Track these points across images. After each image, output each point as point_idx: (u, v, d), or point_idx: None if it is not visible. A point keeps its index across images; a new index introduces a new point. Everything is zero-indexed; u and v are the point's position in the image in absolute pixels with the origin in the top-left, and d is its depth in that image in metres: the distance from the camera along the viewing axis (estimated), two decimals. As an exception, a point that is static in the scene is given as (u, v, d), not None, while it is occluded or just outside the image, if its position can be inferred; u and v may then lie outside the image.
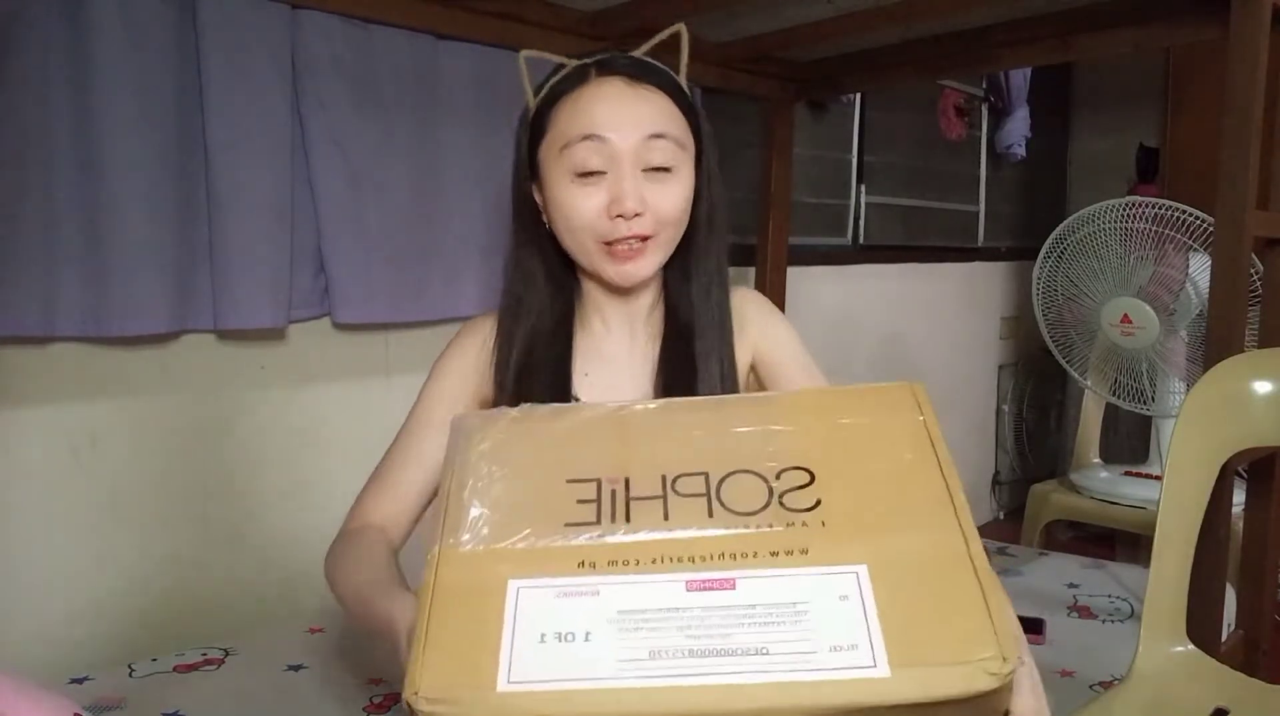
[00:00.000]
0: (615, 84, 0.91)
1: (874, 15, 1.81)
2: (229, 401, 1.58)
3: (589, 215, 0.91)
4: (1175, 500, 1.26)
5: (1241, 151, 1.49)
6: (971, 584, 0.56)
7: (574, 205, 0.91)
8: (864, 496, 0.63)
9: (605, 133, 0.89)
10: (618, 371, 1.01)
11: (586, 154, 0.89)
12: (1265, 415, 1.29)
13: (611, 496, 0.63)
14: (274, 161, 1.51)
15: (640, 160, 0.90)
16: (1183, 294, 2.23)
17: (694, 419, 0.70)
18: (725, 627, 0.55)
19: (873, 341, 2.94)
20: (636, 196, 0.89)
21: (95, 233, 1.35)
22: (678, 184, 0.92)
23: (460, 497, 0.65)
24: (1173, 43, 2.45)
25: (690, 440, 0.68)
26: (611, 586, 0.57)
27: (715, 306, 0.99)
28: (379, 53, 1.62)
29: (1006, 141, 3.28)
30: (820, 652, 0.53)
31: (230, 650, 1.41)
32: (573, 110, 0.91)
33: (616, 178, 0.89)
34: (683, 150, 0.93)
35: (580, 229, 0.92)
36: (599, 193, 0.90)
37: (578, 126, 0.90)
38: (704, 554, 0.59)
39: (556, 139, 0.91)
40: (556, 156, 0.91)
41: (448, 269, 1.76)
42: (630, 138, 0.89)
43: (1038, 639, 1.43)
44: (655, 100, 0.91)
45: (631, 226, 0.90)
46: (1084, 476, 2.54)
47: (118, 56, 1.34)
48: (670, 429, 0.69)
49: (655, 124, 0.90)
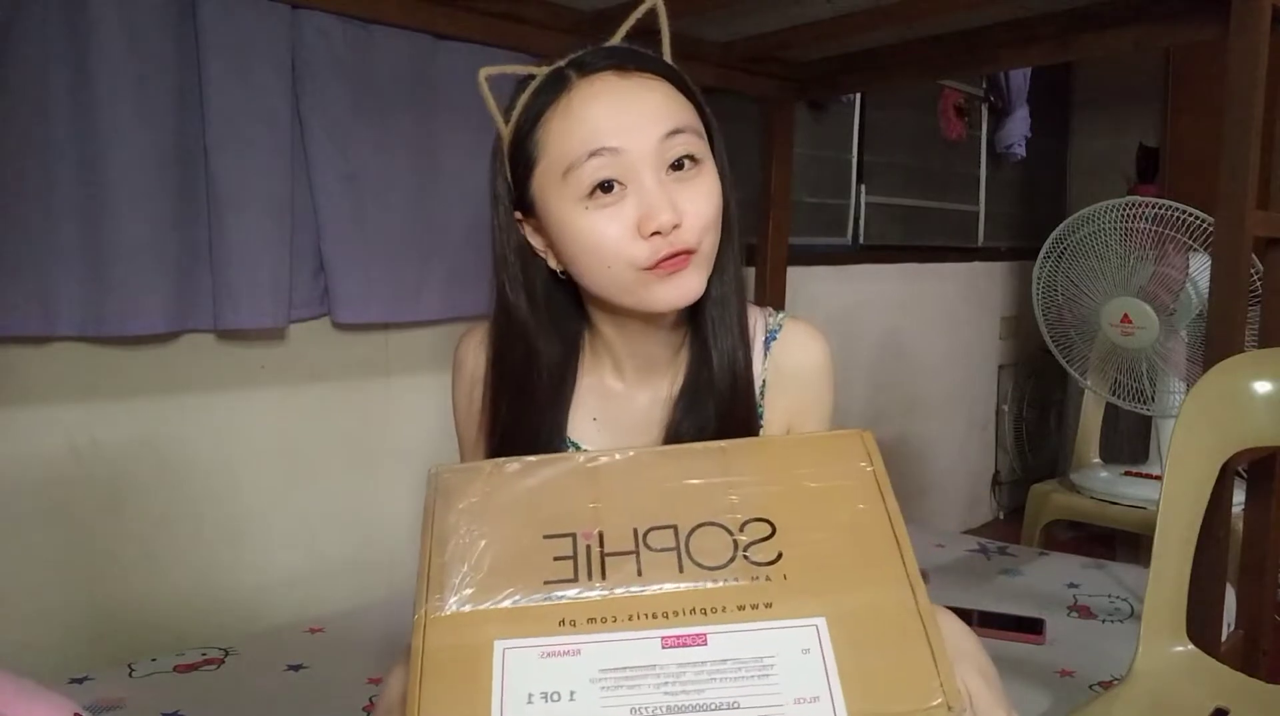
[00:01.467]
0: (605, 80, 0.77)
1: (874, 15, 1.81)
2: (229, 401, 1.58)
3: (619, 242, 0.75)
4: (1175, 500, 1.25)
5: (1241, 151, 1.49)
6: (919, 635, 0.61)
7: (596, 232, 0.75)
8: (822, 549, 0.67)
9: (614, 141, 0.75)
10: (627, 414, 0.89)
11: (597, 170, 0.75)
12: (1265, 415, 1.29)
13: (587, 552, 0.66)
14: (274, 161, 1.51)
15: (661, 161, 0.76)
16: (1183, 294, 2.23)
17: (661, 471, 0.73)
18: (699, 683, 0.59)
19: (873, 341, 2.94)
20: (669, 206, 0.74)
21: (95, 233, 1.35)
22: (708, 178, 0.79)
23: (441, 558, 0.67)
24: (1173, 43, 2.45)
25: (659, 492, 0.71)
26: (592, 645, 0.61)
27: (731, 325, 0.86)
28: (379, 53, 1.62)
29: (1006, 141, 3.28)
30: (786, 706, 0.58)
31: (230, 650, 1.41)
32: (565, 125, 0.76)
33: (639, 189, 0.75)
34: (702, 140, 0.80)
35: (610, 259, 0.76)
36: (623, 213, 0.75)
37: (579, 142, 0.75)
38: (676, 609, 0.63)
39: (554, 164, 0.77)
40: (559, 184, 0.76)
41: (448, 269, 1.76)
42: (646, 139, 0.75)
43: (1038, 639, 1.43)
44: (657, 88, 0.78)
45: (671, 241, 0.75)
46: (1084, 476, 2.54)
47: (118, 56, 1.34)
48: (639, 480, 0.72)
49: (669, 117, 0.77)
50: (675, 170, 0.77)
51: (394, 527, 1.78)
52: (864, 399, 2.88)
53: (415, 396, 1.80)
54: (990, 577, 1.76)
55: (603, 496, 0.70)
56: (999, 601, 1.59)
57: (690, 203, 0.76)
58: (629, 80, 0.78)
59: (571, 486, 0.71)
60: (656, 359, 0.88)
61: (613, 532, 0.67)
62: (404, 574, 1.78)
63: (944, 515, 3.25)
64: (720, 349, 0.85)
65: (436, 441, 1.83)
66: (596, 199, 0.76)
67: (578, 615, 0.62)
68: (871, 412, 2.89)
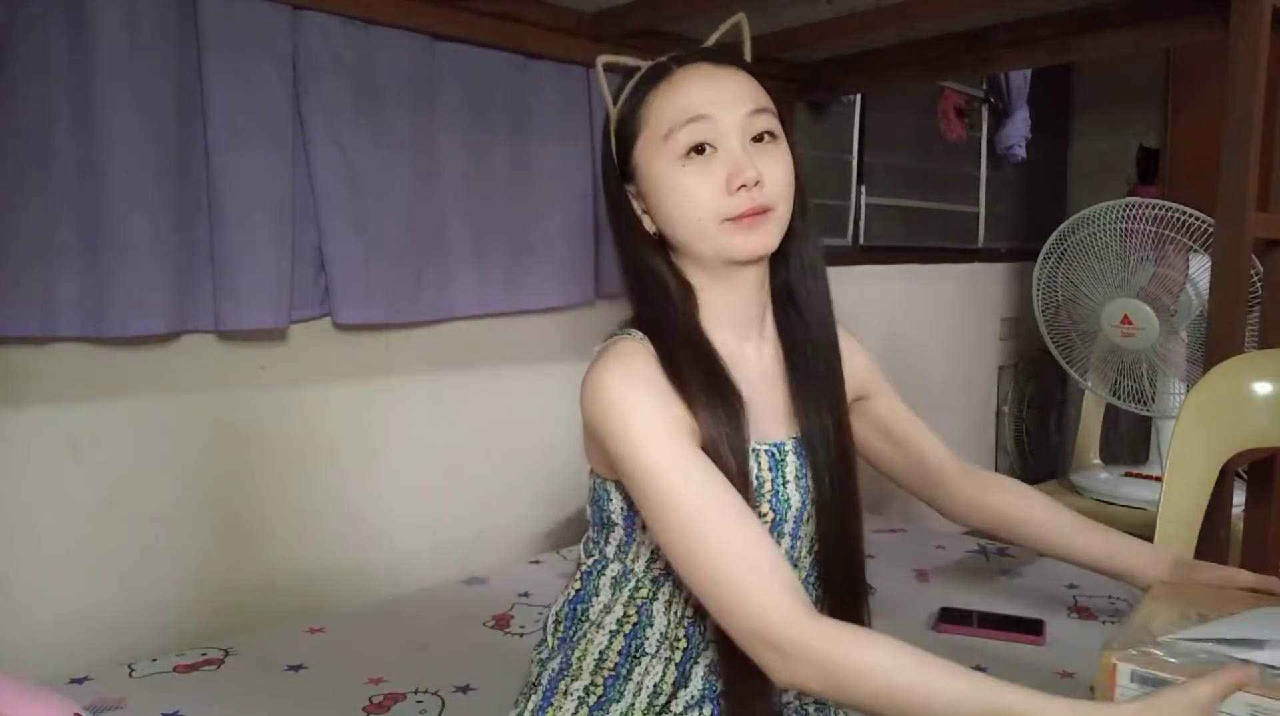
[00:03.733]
0: (702, 68, 0.92)
1: (874, 15, 1.81)
2: (229, 401, 1.58)
3: (708, 194, 0.88)
4: (1175, 501, 1.26)
5: (1241, 152, 1.49)
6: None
7: (690, 187, 0.89)
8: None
9: (709, 110, 0.88)
10: (753, 390, 0.92)
11: (694, 133, 0.88)
12: (1265, 415, 1.29)
13: None
14: (274, 162, 1.51)
15: (746, 133, 0.90)
16: (1183, 295, 2.23)
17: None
18: None
19: (873, 342, 2.91)
20: (752, 165, 0.88)
21: (95, 233, 1.35)
22: (784, 152, 0.92)
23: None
24: (1173, 43, 2.45)
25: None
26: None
27: (821, 289, 0.99)
28: (379, 53, 1.62)
29: (1007, 142, 3.28)
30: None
31: (230, 650, 1.41)
32: (668, 98, 0.90)
33: (728, 152, 0.88)
34: (778, 123, 0.93)
35: (701, 210, 0.89)
36: (713, 170, 0.88)
37: (679, 111, 0.89)
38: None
39: (657, 131, 0.90)
40: (659, 147, 0.90)
41: (448, 269, 1.76)
42: (734, 113, 0.89)
43: (1038, 640, 1.43)
44: (743, 78, 0.92)
45: (754, 196, 0.88)
46: (1084, 477, 2.54)
47: (118, 57, 1.34)
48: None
49: (753, 99, 0.91)
50: (756, 142, 0.90)
51: (394, 527, 1.78)
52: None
53: (415, 397, 1.80)
54: (990, 578, 1.76)
55: None
56: (999, 602, 1.59)
57: (770, 167, 0.89)
58: (721, 69, 0.92)
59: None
60: (749, 314, 0.96)
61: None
62: (404, 574, 1.78)
63: (944, 516, 3.24)
64: (813, 309, 0.98)
65: (436, 442, 1.83)
66: (691, 159, 0.89)
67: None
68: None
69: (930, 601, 1.60)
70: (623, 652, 0.93)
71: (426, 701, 1.25)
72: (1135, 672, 0.82)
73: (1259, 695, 0.76)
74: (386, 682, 1.30)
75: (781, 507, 0.92)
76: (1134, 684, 0.82)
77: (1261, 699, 0.76)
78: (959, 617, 1.50)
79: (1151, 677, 0.81)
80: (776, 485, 0.92)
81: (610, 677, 0.93)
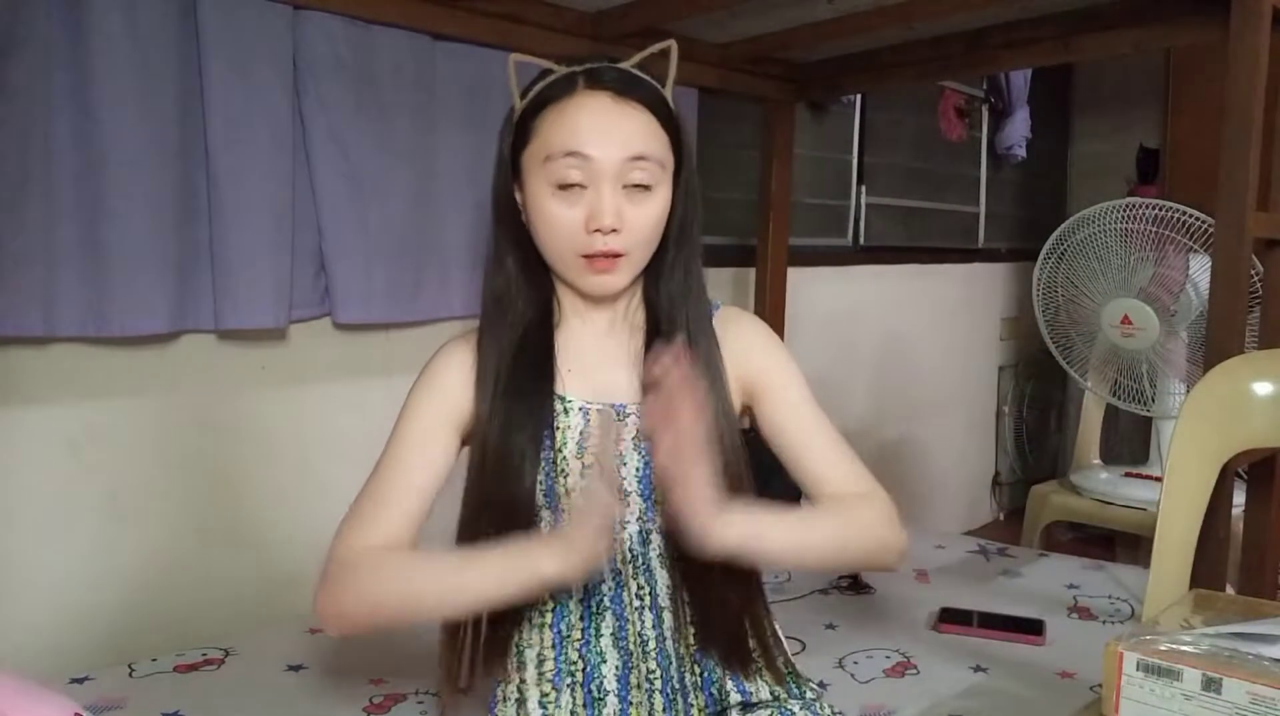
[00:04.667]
0: (601, 99, 0.92)
1: (874, 15, 1.81)
2: (229, 401, 1.58)
3: (568, 227, 0.92)
4: (1175, 501, 1.25)
5: (1241, 152, 1.49)
6: None
7: (554, 215, 0.93)
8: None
9: (588, 150, 0.90)
10: (599, 362, 1.01)
11: (568, 169, 0.91)
12: (1265, 416, 1.29)
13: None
14: (274, 161, 1.51)
15: (620, 178, 0.92)
16: (1183, 295, 2.23)
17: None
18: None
19: (873, 343, 2.94)
20: (614, 213, 0.91)
21: (95, 233, 1.35)
22: (655, 202, 0.94)
23: None
24: (1173, 43, 2.45)
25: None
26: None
27: (691, 314, 1.01)
28: (380, 53, 1.62)
29: (1007, 142, 3.28)
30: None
31: (230, 650, 1.41)
32: (558, 121, 0.92)
33: (597, 193, 0.91)
34: (662, 170, 0.95)
35: (559, 239, 0.94)
36: (578, 206, 0.92)
37: (562, 141, 0.91)
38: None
39: (540, 149, 0.93)
40: (539, 166, 0.93)
41: (448, 268, 1.76)
42: (613, 157, 0.91)
43: (1038, 640, 1.43)
44: (639, 118, 0.93)
45: (608, 242, 0.92)
46: (1084, 477, 2.54)
47: (119, 57, 1.34)
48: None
49: (637, 145, 0.92)
50: (630, 189, 0.93)
51: (394, 528, 1.78)
52: (864, 400, 2.88)
53: (415, 397, 1.80)
54: (990, 579, 1.76)
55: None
56: (999, 602, 1.59)
57: (633, 216, 0.93)
58: (620, 105, 0.93)
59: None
60: (617, 314, 1.02)
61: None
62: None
63: (944, 516, 3.25)
64: (678, 322, 0.99)
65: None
66: (563, 191, 0.92)
67: None
68: (871, 413, 2.89)
69: (930, 601, 1.60)
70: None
71: (427, 701, 1.25)
72: (1141, 661, 0.82)
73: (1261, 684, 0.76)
74: (387, 683, 1.30)
75: (612, 462, 0.95)
76: (1139, 672, 0.82)
77: (1262, 687, 0.76)
78: (959, 617, 1.50)
79: (1157, 666, 0.81)
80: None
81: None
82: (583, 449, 0.97)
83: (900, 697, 1.25)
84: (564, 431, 0.97)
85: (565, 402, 0.98)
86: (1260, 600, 1.02)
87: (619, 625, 0.98)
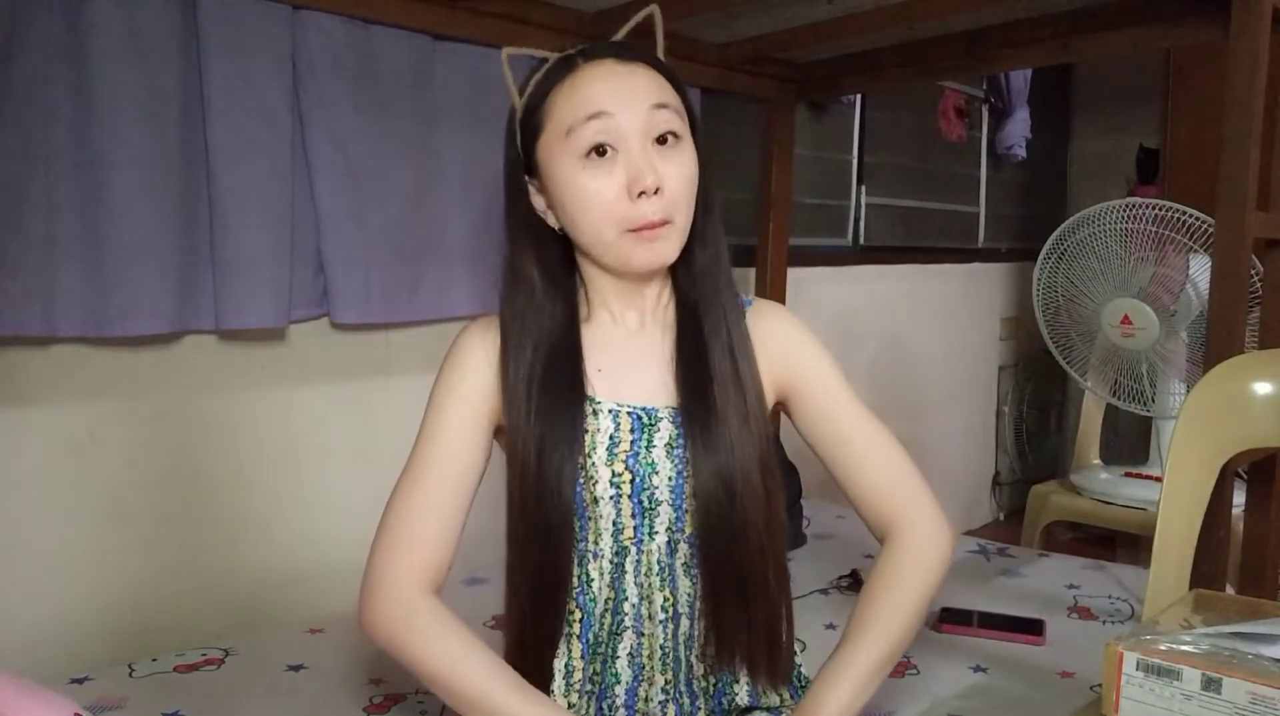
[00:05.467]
0: (606, 64, 0.90)
1: (874, 15, 1.81)
2: (229, 401, 1.58)
3: (608, 199, 0.88)
4: (1175, 501, 1.25)
5: (1241, 152, 1.48)
6: None
7: (589, 190, 0.88)
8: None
9: (608, 107, 0.87)
10: (631, 362, 0.97)
11: (594, 133, 0.87)
12: (1265, 416, 1.29)
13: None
14: (274, 161, 1.51)
15: (648, 132, 0.89)
16: (1183, 295, 2.23)
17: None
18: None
19: (873, 342, 2.94)
20: (653, 170, 0.87)
21: (96, 233, 1.35)
22: (687, 154, 0.91)
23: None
24: (1173, 43, 2.44)
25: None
26: None
27: (721, 286, 0.97)
28: (379, 53, 1.62)
29: (1007, 142, 3.28)
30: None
31: (230, 650, 1.41)
32: (570, 95, 0.89)
33: (629, 154, 0.88)
34: (683, 121, 0.92)
35: (600, 215, 0.89)
36: (613, 174, 0.88)
37: (580, 108, 0.88)
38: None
39: (558, 127, 0.89)
40: (561, 144, 0.89)
41: (447, 268, 1.76)
42: (636, 111, 0.88)
43: (1038, 640, 1.43)
44: (647, 74, 0.91)
45: (654, 206, 0.87)
46: (1084, 477, 2.54)
47: (118, 56, 1.34)
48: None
49: (655, 94, 0.90)
50: (659, 144, 0.89)
51: (394, 528, 1.78)
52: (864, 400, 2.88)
53: (415, 396, 1.79)
54: (990, 578, 1.76)
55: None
56: (999, 602, 1.59)
57: (670, 173, 0.89)
58: (625, 65, 0.91)
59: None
60: (642, 302, 0.98)
61: None
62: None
63: (944, 516, 3.24)
64: (713, 309, 0.96)
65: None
66: (592, 160, 0.88)
67: None
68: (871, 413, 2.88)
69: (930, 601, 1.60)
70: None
71: (427, 701, 1.25)
72: (1140, 661, 0.82)
73: (1261, 684, 0.76)
74: (386, 683, 1.30)
75: (643, 469, 0.94)
76: (1139, 672, 0.82)
77: (1262, 687, 0.76)
78: (959, 617, 1.50)
79: (1157, 666, 0.81)
80: (638, 447, 0.94)
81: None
82: (612, 455, 0.94)
83: (900, 697, 1.25)
84: (593, 435, 0.94)
85: (595, 404, 0.95)
86: (1260, 600, 1.01)
87: (636, 642, 0.97)
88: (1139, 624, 0.89)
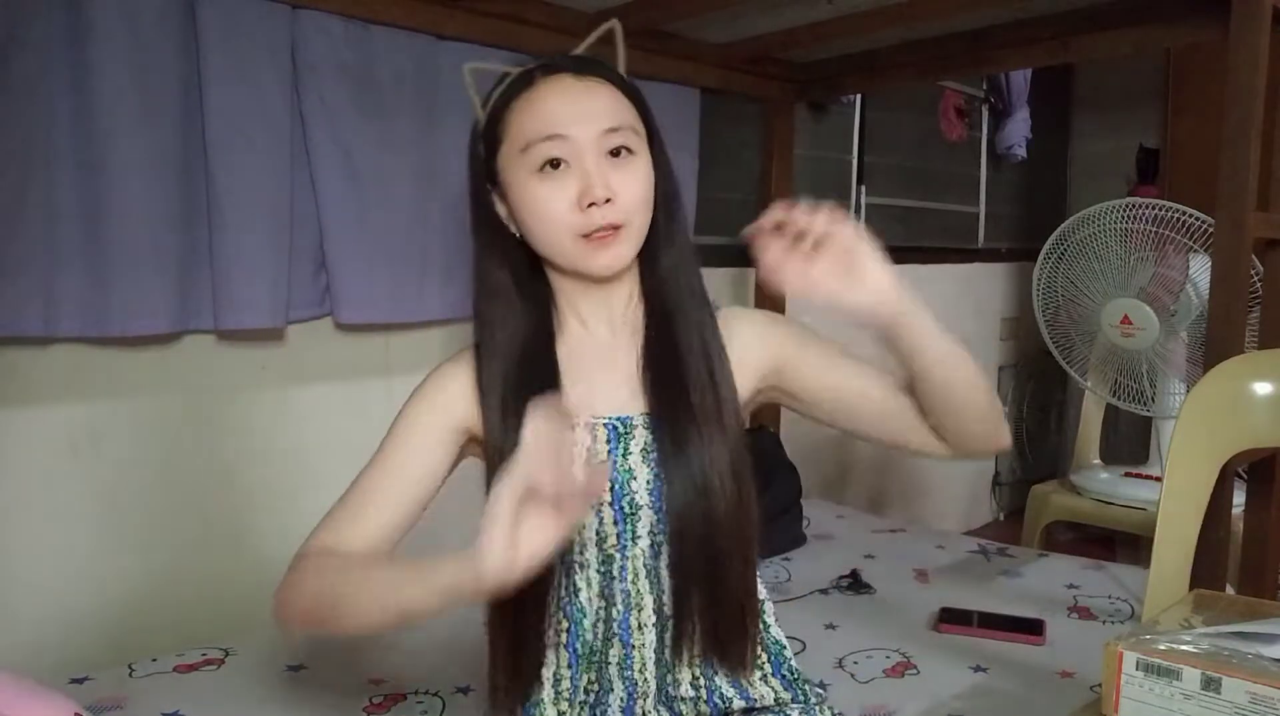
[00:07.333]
0: (563, 79, 0.93)
1: (874, 16, 1.81)
2: (229, 401, 1.58)
3: (561, 209, 0.90)
4: (1175, 501, 1.25)
5: (1241, 152, 1.49)
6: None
7: (543, 200, 0.91)
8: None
9: (563, 129, 0.90)
10: (603, 373, 0.98)
11: (547, 150, 0.90)
12: (1265, 416, 1.29)
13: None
14: (274, 161, 1.51)
15: (601, 149, 0.91)
16: (1183, 295, 2.23)
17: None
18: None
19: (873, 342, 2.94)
20: (604, 182, 0.89)
21: (96, 233, 1.35)
22: (640, 166, 0.93)
23: None
24: (1173, 43, 2.45)
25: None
26: None
27: (687, 288, 0.98)
28: (380, 53, 1.62)
29: (1007, 142, 3.28)
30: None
31: (230, 650, 1.41)
32: (527, 110, 0.92)
33: (582, 167, 0.90)
34: (638, 136, 0.94)
35: (554, 225, 0.91)
36: (566, 185, 0.90)
37: (536, 127, 0.91)
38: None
39: (516, 141, 0.92)
40: (518, 158, 0.92)
41: (448, 269, 1.76)
42: (589, 130, 0.90)
43: (1038, 640, 1.43)
44: (603, 91, 0.93)
45: (605, 213, 0.90)
46: (1084, 477, 2.54)
47: (118, 56, 1.34)
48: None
49: (610, 117, 0.92)
50: (613, 157, 0.92)
51: (394, 528, 1.78)
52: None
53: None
54: (990, 579, 1.76)
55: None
56: (999, 602, 1.59)
57: (622, 184, 0.91)
58: (582, 82, 0.93)
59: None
60: (610, 310, 1.00)
61: None
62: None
63: (944, 516, 3.25)
64: (681, 311, 0.97)
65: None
66: (546, 173, 0.91)
67: None
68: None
69: (930, 601, 1.60)
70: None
71: (426, 702, 1.25)
72: (1140, 661, 0.82)
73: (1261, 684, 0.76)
74: (386, 683, 1.30)
75: (621, 477, 0.94)
76: (1139, 672, 0.82)
77: (1261, 687, 0.76)
78: (959, 617, 1.50)
79: (1157, 666, 0.81)
80: (615, 455, 0.95)
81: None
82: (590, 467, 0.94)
83: (900, 697, 1.25)
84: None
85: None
86: (1260, 600, 1.01)
87: (625, 653, 0.97)
88: (1139, 624, 0.89)
